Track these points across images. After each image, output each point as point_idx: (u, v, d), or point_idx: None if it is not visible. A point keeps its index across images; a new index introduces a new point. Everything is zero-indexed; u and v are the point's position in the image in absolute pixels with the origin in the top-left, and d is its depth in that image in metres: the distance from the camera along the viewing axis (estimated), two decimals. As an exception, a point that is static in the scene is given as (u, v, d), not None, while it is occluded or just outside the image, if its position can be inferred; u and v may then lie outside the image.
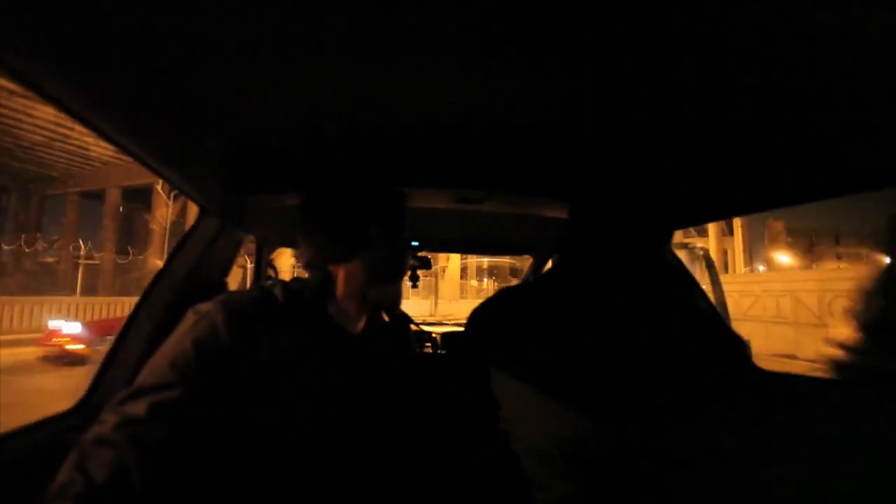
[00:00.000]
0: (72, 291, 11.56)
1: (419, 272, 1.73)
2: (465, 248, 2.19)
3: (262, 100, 0.67)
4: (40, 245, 13.74)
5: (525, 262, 2.31)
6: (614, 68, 0.57)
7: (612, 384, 0.64)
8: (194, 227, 1.03)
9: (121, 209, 14.50)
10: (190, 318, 0.63)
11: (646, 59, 0.54)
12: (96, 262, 13.69)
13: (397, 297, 0.83)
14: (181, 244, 1.02)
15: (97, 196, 14.74)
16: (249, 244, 1.47)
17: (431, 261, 1.84)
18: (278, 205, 1.08)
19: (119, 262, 13.66)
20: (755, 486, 0.63)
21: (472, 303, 1.44)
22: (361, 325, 0.79)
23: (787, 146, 0.74)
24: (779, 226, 22.52)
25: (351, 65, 0.57)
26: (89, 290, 12.53)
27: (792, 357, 8.96)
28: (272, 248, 1.77)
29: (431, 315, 7.37)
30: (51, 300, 10.08)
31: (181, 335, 0.61)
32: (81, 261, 12.16)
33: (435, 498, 0.78)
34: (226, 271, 1.18)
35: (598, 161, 0.89)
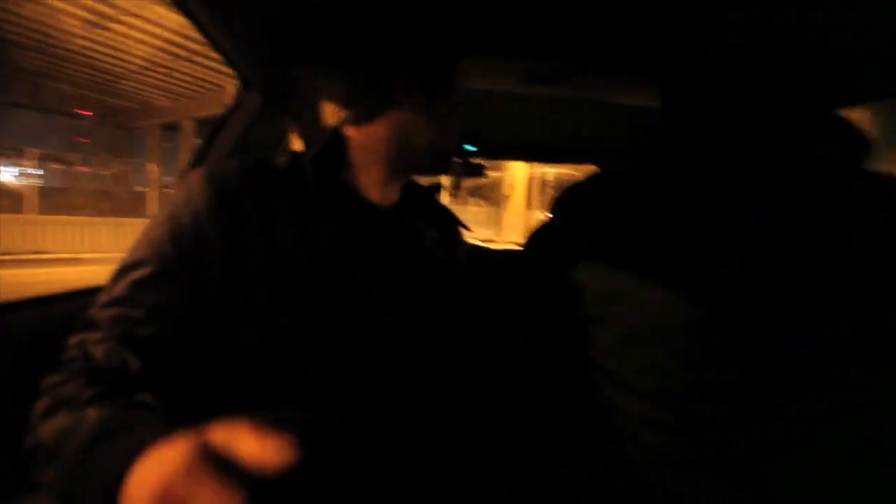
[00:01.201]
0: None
1: (480, 205, 1.60)
2: (527, 153, 1.99)
3: None
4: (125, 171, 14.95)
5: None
6: None
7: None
8: (236, 104, 0.96)
9: (196, 140, 15.36)
10: (180, 190, 0.59)
11: None
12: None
13: (443, 167, 0.70)
14: (222, 123, 0.96)
15: (174, 128, 15.64)
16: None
17: (485, 169, 1.69)
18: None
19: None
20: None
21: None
22: (392, 198, 0.68)
23: None
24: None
25: None
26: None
27: None
28: None
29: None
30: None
31: (164, 209, 0.57)
32: (146, 188, 13.10)
33: (487, 421, 0.71)
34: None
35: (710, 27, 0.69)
